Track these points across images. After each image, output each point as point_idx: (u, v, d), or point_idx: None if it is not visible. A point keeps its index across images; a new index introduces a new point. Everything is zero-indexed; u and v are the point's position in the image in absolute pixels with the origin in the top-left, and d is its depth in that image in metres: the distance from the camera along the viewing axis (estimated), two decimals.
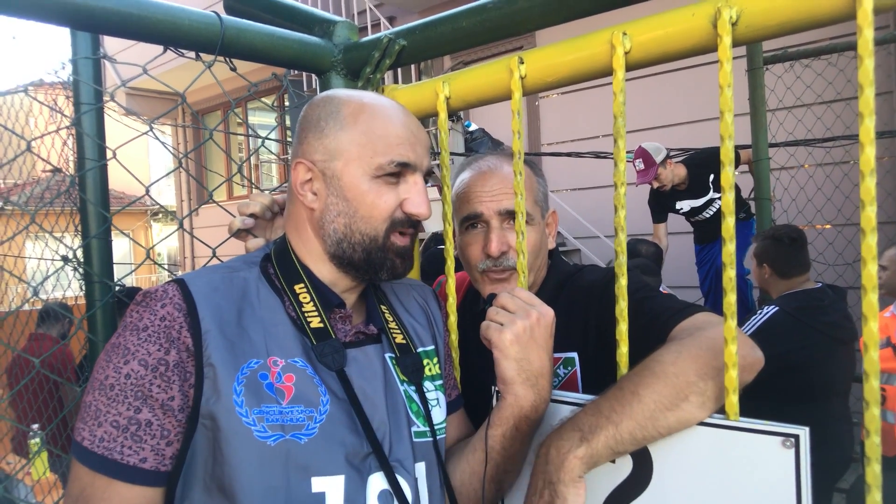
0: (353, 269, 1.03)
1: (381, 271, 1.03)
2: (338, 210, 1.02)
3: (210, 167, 10.25)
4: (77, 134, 1.56)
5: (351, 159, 1.01)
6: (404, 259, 1.05)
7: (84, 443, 0.87)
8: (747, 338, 1.01)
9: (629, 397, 0.94)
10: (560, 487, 0.92)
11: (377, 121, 1.02)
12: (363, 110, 1.03)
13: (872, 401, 0.80)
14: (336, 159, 1.01)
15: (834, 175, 4.49)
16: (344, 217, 1.01)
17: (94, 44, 1.60)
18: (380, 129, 1.01)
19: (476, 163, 1.39)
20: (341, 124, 1.02)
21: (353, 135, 1.01)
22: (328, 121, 1.03)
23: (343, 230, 1.02)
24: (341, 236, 1.02)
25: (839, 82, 4.33)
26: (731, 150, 0.90)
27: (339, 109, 1.03)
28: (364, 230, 1.01)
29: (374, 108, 1.03)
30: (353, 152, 1.01)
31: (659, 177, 4.39)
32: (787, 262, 3.00)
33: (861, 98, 0.81)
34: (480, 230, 1.33)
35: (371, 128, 1.01)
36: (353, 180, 1.01)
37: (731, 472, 0.90)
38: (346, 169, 1.01)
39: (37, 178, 4.03)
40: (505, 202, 1.30)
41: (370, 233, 1.01)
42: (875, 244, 0.80)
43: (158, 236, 17.36)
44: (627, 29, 1.02)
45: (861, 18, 0.82)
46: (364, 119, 1.02)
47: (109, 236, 1.59)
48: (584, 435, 0.93)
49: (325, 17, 1.42)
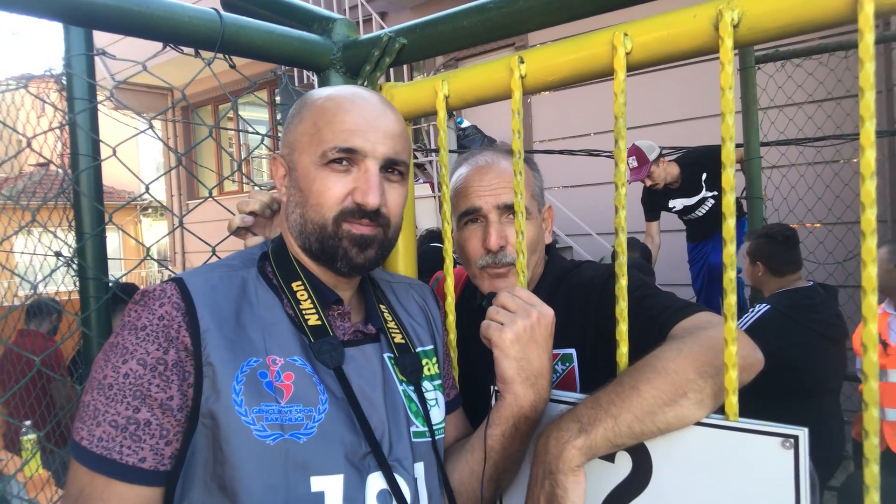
0: (317, 260, 1.04)
1: (337, 261, 1.01)
2: (295, 201, 1.03)
3: (200, 162, 10.20)
4: (70, 130, 1.55)
5: (303, 150, 1.02)
6: (363, 248, 1.01)
7: (83, 442, 0.87)
8: (749, 339, 1.02)
9: (629, 391, 0.94)
10: (560, 477, 0.92)
11: (328, 111, 1.01)
12: (321, 102, 1.03)
13: (871, 402, 0.81)
14: (294, 151, 1.03)
15: (825, 174, 4.52)
16: (299, 207, 1.02)
17: (88, 39, 1.59)
18: (329, 118, 1.00)
19: (473, 158, 1.40)
20: (300, 118, 1.04)
21: (305, 125, 1.02)
22: (293, 116, 1.06)
23: (300, 220, 1.02)
24: (300, 227, 1.02)
25: (830, 81, 4.36)
26: (733, 151, 0.91)
27: (304, 104, 1.05)
28: (314, 219, 1.00)
29: (332, 99, 1.03)
30: (304, 142, 1.02)
31: (652, 175, 4.41)
32: (780, 260, 3.03)
33: (862, 101, 0.81)
34: (479, 225, 1.33)
35: (321, 117, 1.01)
36: (303, 170, 1.01)
37: (730, 472, 0.90)
38: (300, 159, 1.02)
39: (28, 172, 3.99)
40: (503, 196, 1.30)
41: (319, 221, 1.00)
42: (875, 246, 0.81)
43: (148, 231, 17.25)
44: (628, 29, 1.02)
45: (862, 22, 0.82)
46: (317, 110, 1.02)
47: (104, 232, 1.58)
48: (583, 426, 0.94)
49: (324, 15, 1.41)
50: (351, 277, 1.07)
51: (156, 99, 9.39)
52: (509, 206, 1.30)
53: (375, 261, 1.04)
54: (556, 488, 0.92)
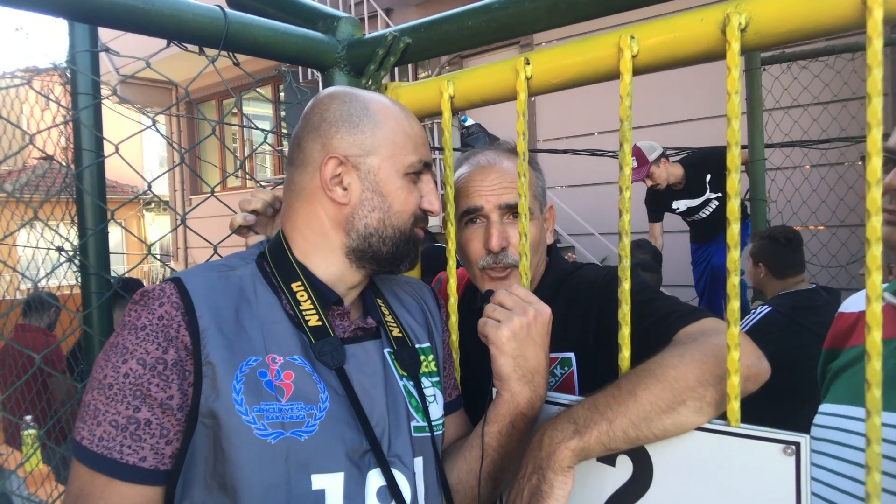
0: (375, 262, 1.05)
1: (404, 262, 1.09)
2: (372, 205, 1.03)
3: (203, 157, 10.21)
4: (74, 125, 1.55)
5: (387, 156, 1.03)
6: (419, 251, 1.12)
7: (83, 442, 0.87)
8: (755, 347, 1.01)
9: (626, 396, 0.94)
10: (549, 474, 0.93)
11: (405, 121, 1.07)
12: (390, 110, 1.07)
13: (874, 410, 0.80)
14: (372, 155, 1.03)
15: (829, 177, 4.51)
16: (378, 212, 1.03)
17: (93, 35, 1.59)
18: (409, 129, 1.07)
19: (475, 157, 1.38)
20: (375, 121, 1.04)
21: (388, 133, 1.04)
22: (361, 117, 1.04)
23: (376, 225, 1.04)
24: (373, 231, 1.03)
25: (836, 84, 4.34)
26: (738, 156, 0.90)
27: (368, 107, 1.05)
28: (397, 225, 1.05)
29: (397, 108, 1.09)
30: (389, 150, 1.04)
31: (652, 175, 4.40)
32: (782, 262, 3.02)
33: (869, 107, 0.81)
34: (480, 225, 1.32)
35: (402, 127, 1.05)
36: (388, 176, 1.04)
37: (732, 478, 0.90)
38: (383, 165, 1.03)
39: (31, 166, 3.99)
40: (505, 196, 1.29)
41: (402, 227, 1.05)
42: (880, 254, 0.81)
43: (151, 226, 17.26)
44: (635, 32, 1.02)
45: (871, 28, 0.82)
46: (394, 118, 1.06)
47: (106, 228, 1.58)
48: (577, 428, 0.94)
49: (329, 13, 1.41)
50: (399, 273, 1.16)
51: (160, 93, 9.39)
52: (511, 206, 1.29)
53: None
54: (542, 483, 0.93)
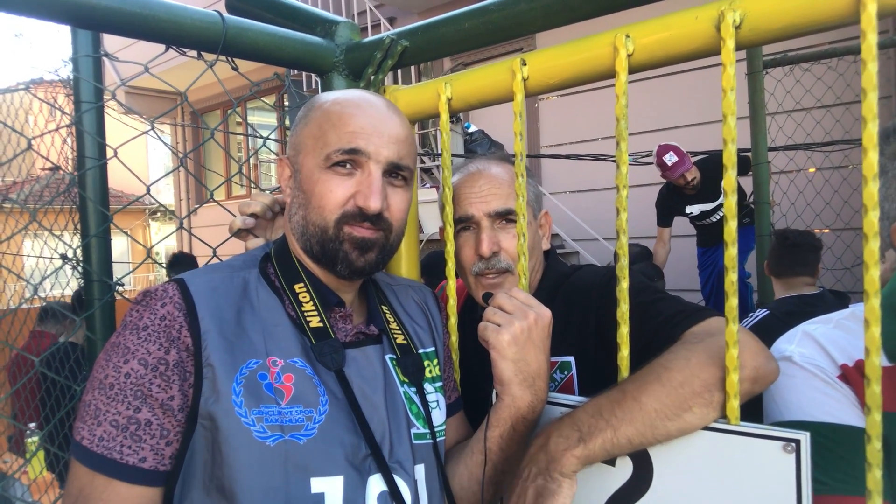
0: (318, 262, 1.03)
1: (337, 263, 1.01)
2: (298, 202, 1.04)
3: (209, 166, 10.25)
4: (77, 132, 1.56)
5: (308, 152, 1.02)
6: (364, 252, 1.00)
7: (83, 442, 0.87)
8: (763, 347, 0.99)
9: (630, 403, 0.93)
10: (555, 476, 0.93)
11: (334, 114, 1.01)
12: (327, 106, 1.03)
13: (874, 406, 0.80)
14: (299, 153, 1.03)
15: (833, 179, 4.49)
16: (302, 209, 1.02)
17: (95, 42, 1.60)
18: (334, 121, 1.00)
19: (466, 166, 1.40)
20: (307, 120, 1.04)
21: (311, 128, 1.03)
22: (300, 119, 1.06)
23: (302, 222, 1.03)
24: (302, 228, 1.03)
25: (839, 86, 4.33)
26: (734, 153, 0.90)
27: (311, 107, 1.06)
28: (316, 221, 1.00)
29: (338, 102, 1.03)
30: (309, 144, 1.02)
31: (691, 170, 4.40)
32: (778, 261, 3.02)
33: (864, 102, 0.81)
34: (472, 232, 1.33)
35: (326, 120, 1.01)
36: (308, 172, 1.02)
37: (732, 476, 0.89)
38: (305, 161, 1.02)
39: (36, 175, 4.02)
40: (494, 203, 1.30)
41: (321, 224, 1.00)
42: (878, 249, 0.80)
43: (157, 235, 17.33)
44: (630, 31, 1.02)
45: (865, 23, 0.82)
46: (322, 113, 1.02)
47: (108, 235, 1.59)
48: (582, 435, 0.94)
49: (327, 18, 1.42)
50: (351, 280, 1.06)
51: (166, 104, 9.45)
52: (500, 212, 1.30)
53: (376, 264, 1.03)
54: (549, 483, 0.93)
